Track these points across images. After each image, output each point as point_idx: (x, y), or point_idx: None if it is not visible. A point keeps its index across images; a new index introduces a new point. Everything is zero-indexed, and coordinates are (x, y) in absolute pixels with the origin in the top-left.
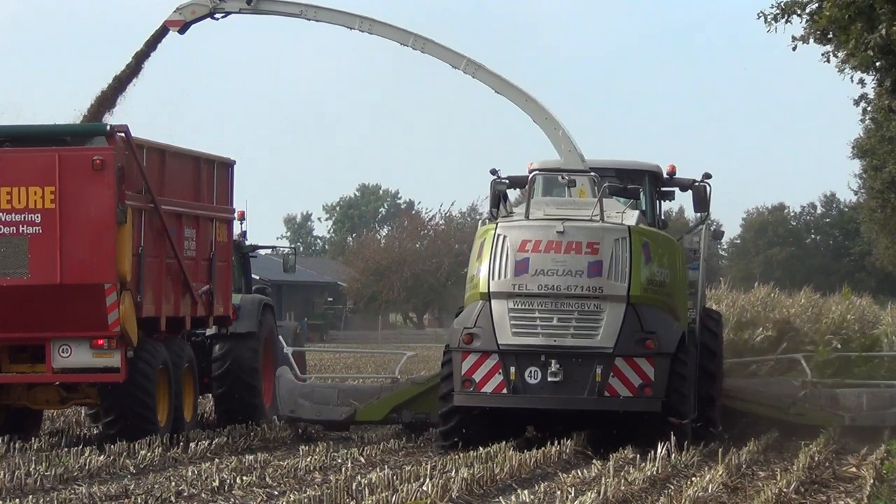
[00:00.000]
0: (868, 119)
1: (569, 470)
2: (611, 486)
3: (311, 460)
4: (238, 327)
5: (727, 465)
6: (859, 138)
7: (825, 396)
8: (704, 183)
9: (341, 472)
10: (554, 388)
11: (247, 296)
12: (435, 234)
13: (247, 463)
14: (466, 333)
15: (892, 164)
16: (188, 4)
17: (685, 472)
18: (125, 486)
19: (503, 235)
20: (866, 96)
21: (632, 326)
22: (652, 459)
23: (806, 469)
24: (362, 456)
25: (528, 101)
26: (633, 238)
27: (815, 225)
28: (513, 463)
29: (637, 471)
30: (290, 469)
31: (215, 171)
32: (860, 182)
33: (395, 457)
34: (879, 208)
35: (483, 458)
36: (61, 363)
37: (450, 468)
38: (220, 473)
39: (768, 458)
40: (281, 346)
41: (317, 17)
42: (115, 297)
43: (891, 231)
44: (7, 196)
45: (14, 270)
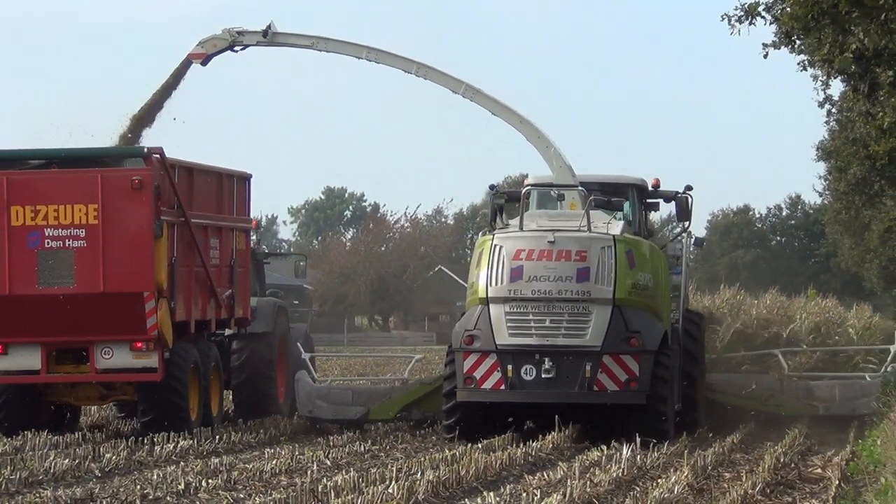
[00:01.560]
0: (833, 121)
1: (535, 472)
2: (576, 488)
3: (276, 463)
4: (255, 328)
5: (693, 466)
6: (824, 140)
7: (801, 388)
8: (686, 194)
9: (307, 475)
10: (547, 383)
11: (262, 299)
12: (400, 237)
13: (212, 466)
14: (467, 335)
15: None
16: (209, 39)
17: (651, 473)
18: (90, 490)
19: (500, 245)
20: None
21: (617, 326)
22: (617, 461)
23: (771, 470)
24: (328, 458)
25: (522, 122)
26: (617, 246)
27: (780, 227)
28: (479, 465)
29: (602, 472)
30: (256, 472)
31: (235, 184)
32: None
33: (360, 459)
34: (844, 210)
35: (449, 460)
36: (104, 364)
37: (415, 470)
38: (185, 476)
39: (734, 459)
40: (299, 352)
41: (327, 48)
42: (154, 303)
43: (855, 232)
44: (54, 213)
45: (61, 280)
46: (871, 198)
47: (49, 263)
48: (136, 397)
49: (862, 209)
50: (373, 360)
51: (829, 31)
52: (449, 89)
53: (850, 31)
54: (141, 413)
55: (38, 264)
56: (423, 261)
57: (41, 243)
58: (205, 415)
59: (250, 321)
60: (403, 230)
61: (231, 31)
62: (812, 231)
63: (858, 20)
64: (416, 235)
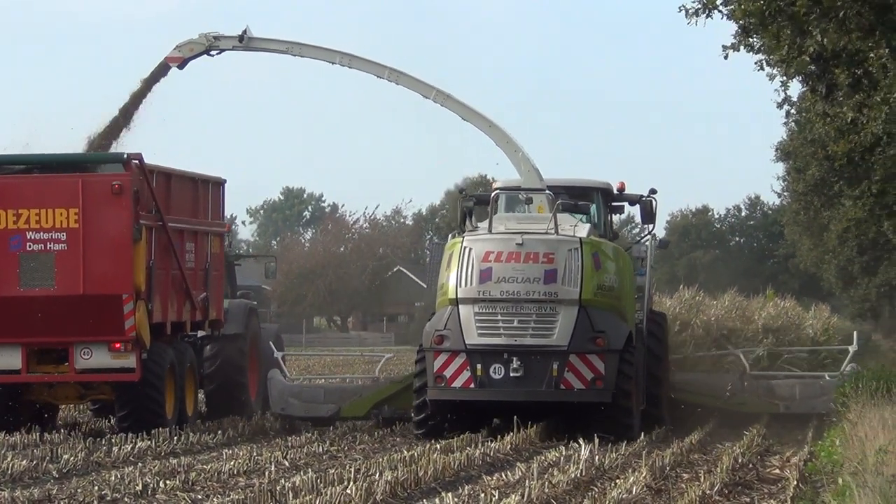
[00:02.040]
0: (791, 122)
1: (493, 472)
2: (535, 489)
3: (234, 464)
4: (227, 329)
5: (651, 466)
6: (783, 141)
7: (762, 387)
8: (651, 198)
9: (265, 476)
10: (516, 382)
11: (234, 300)
12: (359, 237)
13: (170, 467)
14: (437, 335)
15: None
16: (186, 43)
17: (609, 473)
18: (48, 491)
19: (469, 248)
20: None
21: (584, 326)
22: (576, 461)
23: (729, 470)
24: (286, 459)
25: (491, 127)
26: (583, 248)
27: (738, 227)
28: (437, 466)
29: (561, 473)
30: (214, 473)
31: (210, 189)
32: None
33: (319, 460)
34: (803, 211)
35: (407, 460)
36: (83, 364)
37: (374, 471)
38: (143, 477)
39: (692, 460)
40: (271, 351)
41: (301, 53)
42: (132, 305)
43: (814, 233)
44: (36, 217)
45: (42, 282)
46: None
47: (30, 266)
48: (114, 396)
49: (821, 210)
50: (331, 360)
51: (787, 32)
52: (420, 94)
53: (809, 32)
54: (118, 412)
55: (20, 266)
56: (381, 261)
57: (23, 246)
58: (180, 413)
59: (223, 323)
60: (362, 230)
61: (208, 36)
62: (771, 232)
63: (816, 20)
64: (375, 236)
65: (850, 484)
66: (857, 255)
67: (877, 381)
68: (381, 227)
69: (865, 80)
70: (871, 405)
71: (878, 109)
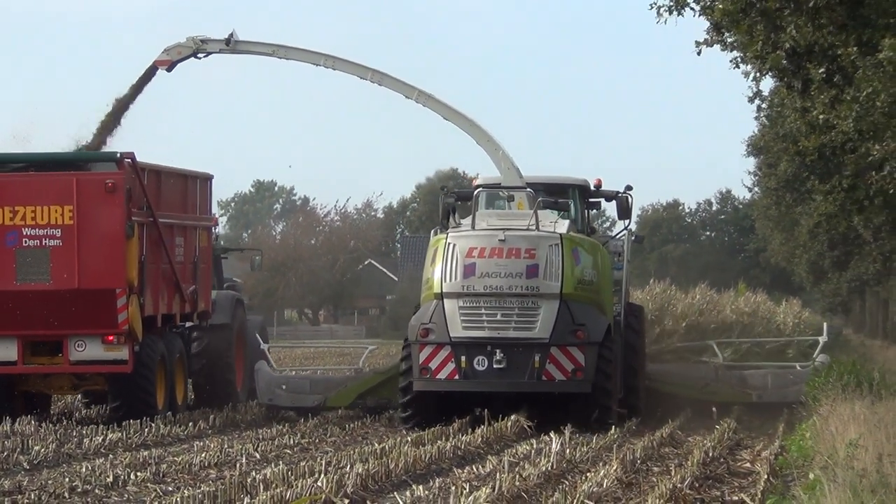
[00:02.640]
0: (763, 116)
1: (463, 465)
2: (505, 482)
3: (205, 456)
4: (214, 319)
5: (622, 460)
6: (754, 136)
7: (735, 377)
8: (626, 194)
9: (236, 468)
10: (499, 373)
11: (221, 292)
12: (330, 230)
13: (141, 458)
14: (423, 328)
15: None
16: (174, 46)
17: (580, 467)
18: (18, 483)
19: (453, 244)
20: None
21: (564, 319)
22: (546, 455)
23: (700, 464)
24: (257, 451)
25: (472, 126)
26: (564, 244)
27: (710, 222)
28: (408, 458)
29: (532, 466)
30: (185, 465)
31: (198, 185)
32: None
33: (289, 452)
34: (774, 205)
35: (378, 453)
36: (77, 356)
37: (344, 463)
38: (114, 469)
39: (663, 454)
40: (257, 342)
41: (287, 55)
42: (125, 299)
43: (785, 228)
44: (32, 214)
45: (38, 277)
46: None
47: (26, 261)
48: (107, 387)
49: (792, 205)
50: (301, 353)
51: (760, 28)
52: (402, 95)
53: (782, 28)
54: (111, 402)
55: (17, 262)
56: (352, 254)
57: (19, 242)
58: (170, 403)
59: (211, 314)
60: (333, 223)
61: (195, 39)
62: (742, 226)
63: (790, 16)
64: (346, 229)
65: (820, 478)
66: (827, 249)
67: (848, 375)
68: (352, 221)
69: (838, 76)
70: (843, 399)
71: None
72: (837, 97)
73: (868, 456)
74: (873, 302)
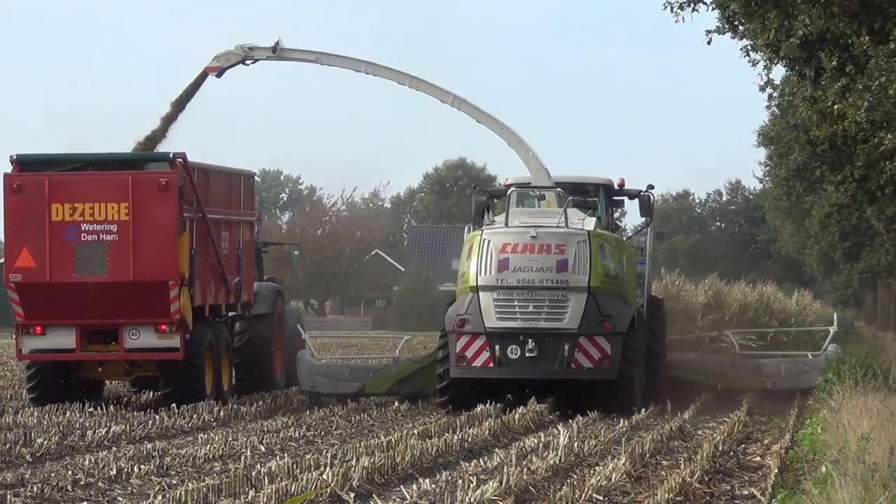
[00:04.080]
0: (774, 106)
1: (471, 459)
2: (513, 475)
3: (209, 448)
4: (256, 309)
5: (630, 453)
6: (765, 126)
7: (750, 365)
8: (648, 192)
9: (241, 461)
10: (530, 361)
11: (262, 283)
12: (337, 220)
13: (145, 451)
14: (459, 319)
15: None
16: (224, 53)
17: (588, 461)
18: (20, 475)
19: (488, 240)
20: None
21: (592, 311)
22: (555, 448)
23: (710, 458)
24: (262, 444)
25: (504, 129)
26: (591, 240)
27: (720, 212)
28: (414, 451)
29: (540, 459)
30: (189, 457)
31: (242, 182)
32: (765, 170)
33: (294, 445)
34: (785, 196)
35: (384, 446)
36: (131, 344)
37: (350, 457)
38: (117, 462)
39: (672, 447)
40: (298, 332)
41: (329, 62)
42: (177, 291)
43: (796, 219)
44: (90, 210)
45: (95, 270)
46: (811, 184)
47: (85, 255)
48: (158, 373)
49: (803, 195)
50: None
51: (773, 16)
52: (438, 99)
53: (794, 16)
54: (162, 387)
55: (76, 255)
56: (359, 245)
57: (78, 237)
58: (217, 389)
59: (253, 304)
60: (340, 213)
61: (243, 47)
62: (752, 217)
63: (803, 5)
64: (353, 219)
65: (831, 472)
66: (839, 240)
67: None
68: (359, 211)
69: (851, 65)
70: (856, 391)
71: (861, 97)
72: (849, 86)
73: (880, 450)
74: (885, 294)
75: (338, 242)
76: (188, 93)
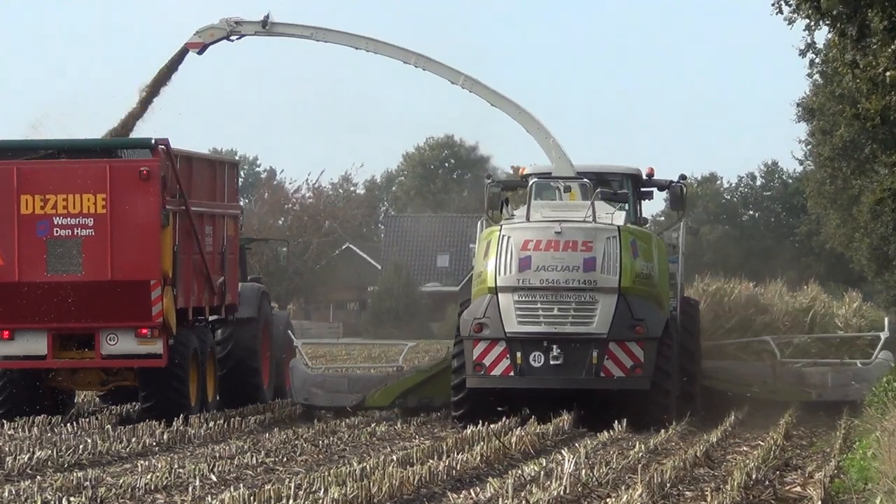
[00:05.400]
0: (816, 73)
1: (459, 489)
2: None
3: (151, 478)
4: (241, 313)
5: (648, 483)
6: (806, 97)
7: (793, 375)
8: (680, 183)
9: (188, 492)
10: (555, 370)
11: (246, 284)
12: (301, 208)
13: (75, 480)
14: (476, 323)
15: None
16: (206, 28)
17: (598, 492)
18: None
19: (507, 236)
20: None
21: (623, 314)
22: (558, 477)
23: (742, 488)
24: (213, 473)
25: (521, 113)
26: (622, 236)
27: (753, 199)
28: (393, 481)
29: (540, 490)
30: (127, 488)
31: (226, 171)
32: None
33: (251, 473)
34: (829, 179)
35: (357, 474)
36: (109, 350)
37: (318, 487)
38: (42, 493)
39: (697, 475)
40: (290, 338)
41: (325, 38)
42: (160, 291)
43: (842, 207)
44: (63, 202)
45: (69, 268)
46: (860, 164)
47: (57, 252)
48: (137, 383)
49: (850, 178)
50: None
51: None
52: (448, 80)
53: None
54: (143, 399)
55: (47, 252)
56: (328, 237)
57: (50, 231)
58: (201, 400)
59: (237, 307)
60: (305, 201)
61: (229, 21)
62: (791, 204)
63: None
64: (320, 207)
65: None
66: (892, 232)
67: None
68: (327, 197)
69: None
70: None
71: None
72: None
73: None
74: None
75: (302, 235)
76: (166, 71)
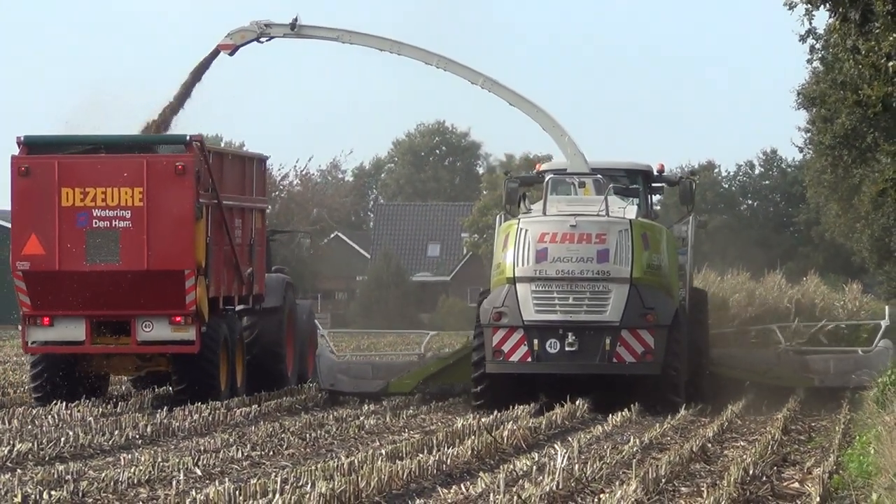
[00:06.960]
0: (816, 60)
1: (450, 484)
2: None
3: (134, 471)
4: (266, 302)
5: (643, 478)
6: (806, 84)
7: (797, 362)
8: (690, 179)
9: (171, 486)
10: (570, 356)
11: (272, 274)
12: (289, 195)
13: (56, 474)
14: (496, 312)
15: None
16: (238, 30)
17: (591, 486)
18: None
19: (525, 229)
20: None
21: (634, 303)
22: (551, 472)
23: (738, 484)
24: (197, 466)
25: (538, 112)
26: (633, 229)
27: (751, 188)
28: (382, 475)
29: (533, 485)
30: (110, 482)
31: (255, 166)
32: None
33: (237, 467)
34: (830, 168)
35: (345, 469)
36: (144, 336)
37: (304, 481)
38: (22, 487)
39: (693, 471)
40: (315, 327)
41: (351, 41)
42: (193, 281)
43: (843, 196)
44: (102, 195)
45: (107, 258)
46: (862, 153)
47: (96, 242)
48: (171, 368)
49: (851, 167)
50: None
51: None
52: (468, 80)
53: None
54: (175, 383)
55: (86, 242)
56: (315, 226)
57: (89, 223)
58: (231, 386)
59: (264, 296)
60: (292, 188)
61: (259, 24)
62: (790, 194)
63: None
64: (308, 194)
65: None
66: (894, 223)
67: None
68: (315, 185)
69: None
70: None
71: None
72: None
73: None
74: None
75: (290, 223)
76: (198, 71)
